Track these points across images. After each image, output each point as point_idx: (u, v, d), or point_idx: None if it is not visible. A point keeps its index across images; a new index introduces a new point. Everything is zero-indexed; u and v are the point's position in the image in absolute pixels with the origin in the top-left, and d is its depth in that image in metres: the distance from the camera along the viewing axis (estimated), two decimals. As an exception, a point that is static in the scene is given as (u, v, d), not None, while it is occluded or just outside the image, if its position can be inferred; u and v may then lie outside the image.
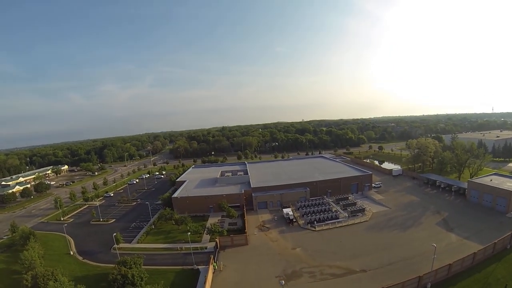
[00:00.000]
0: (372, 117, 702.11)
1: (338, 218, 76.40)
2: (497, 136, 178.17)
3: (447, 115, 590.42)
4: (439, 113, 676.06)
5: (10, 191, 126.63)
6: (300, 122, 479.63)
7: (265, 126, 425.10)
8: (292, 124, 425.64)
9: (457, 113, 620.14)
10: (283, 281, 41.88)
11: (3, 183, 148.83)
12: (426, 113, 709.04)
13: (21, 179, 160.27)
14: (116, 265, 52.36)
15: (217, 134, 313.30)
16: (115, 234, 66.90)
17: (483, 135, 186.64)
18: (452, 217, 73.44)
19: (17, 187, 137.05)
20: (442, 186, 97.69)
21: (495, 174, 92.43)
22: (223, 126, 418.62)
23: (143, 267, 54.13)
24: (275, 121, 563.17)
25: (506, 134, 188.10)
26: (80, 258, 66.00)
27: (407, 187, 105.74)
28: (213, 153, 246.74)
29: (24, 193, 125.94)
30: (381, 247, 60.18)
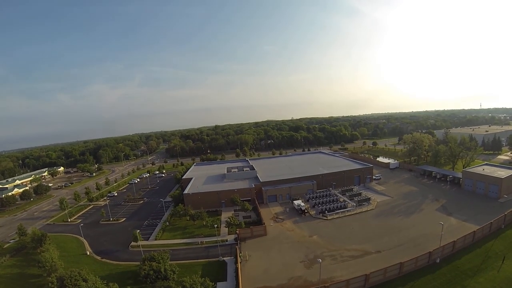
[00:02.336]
0: (362, 114, 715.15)
1: (346, 208, 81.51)
2: (486, 131, 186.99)
3: (436, 111, 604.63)
4: (428, 110, 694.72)
5: (10, 193, 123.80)
6: (291, 120, 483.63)
7: (256, 125, 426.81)
8: (283, 122, 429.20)
9: (446, 109, 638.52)
10: (320, 259, 46.17)
11: (0, 186, 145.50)
12: (415, 110, 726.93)
13: (18, 181, 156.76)
14: (144, 261, 52.41)
15: (211, 133, 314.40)
16: (138, 230, 68.68)
17: (473, 130, 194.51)
18: (450, 204, 79.84)
19: (16, 189, 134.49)
20: (438, 176, 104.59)
21: (486, 164, 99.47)
22: (216, 125, 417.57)
23: (169, 262, 54.53)
24: (265, 120, 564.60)
25: (494, 129, 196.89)
26: (99, 258, 65.65)
27: (405, 178, 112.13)
28: (209, 151, 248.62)
29: (24, 195, 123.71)
30: (390, 231, 65.56)
